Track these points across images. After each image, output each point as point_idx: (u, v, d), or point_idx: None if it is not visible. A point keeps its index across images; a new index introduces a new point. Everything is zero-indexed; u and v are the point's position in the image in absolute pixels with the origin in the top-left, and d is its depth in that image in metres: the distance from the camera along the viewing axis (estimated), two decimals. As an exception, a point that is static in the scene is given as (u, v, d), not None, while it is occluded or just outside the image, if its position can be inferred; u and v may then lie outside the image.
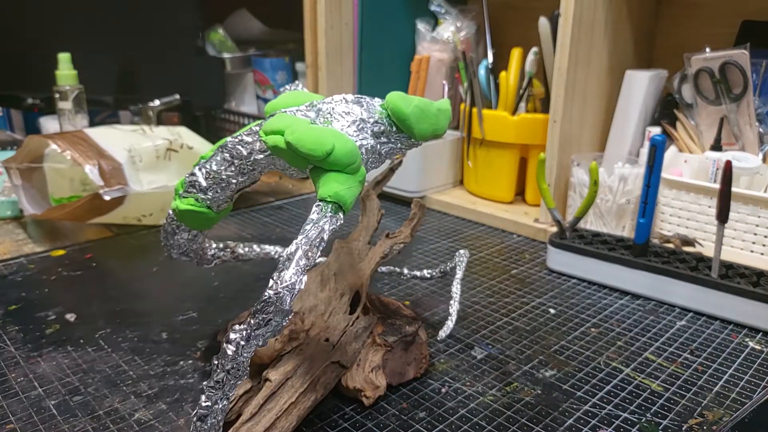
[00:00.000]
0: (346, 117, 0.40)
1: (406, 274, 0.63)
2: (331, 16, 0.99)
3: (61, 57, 0.95)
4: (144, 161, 0.78)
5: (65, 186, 0.77)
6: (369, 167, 0.41)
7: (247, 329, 0.34)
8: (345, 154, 0.37)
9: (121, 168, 0.74)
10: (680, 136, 0.81)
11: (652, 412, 0.46)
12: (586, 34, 0.77)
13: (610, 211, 0.78)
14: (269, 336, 0.35)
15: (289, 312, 0.34)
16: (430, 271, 0.61)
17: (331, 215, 0.36)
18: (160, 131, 0.85)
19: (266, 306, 0.34)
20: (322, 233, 0.36)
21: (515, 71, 0.89)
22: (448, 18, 1.05)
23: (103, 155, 0.75)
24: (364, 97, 0.42)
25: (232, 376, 0.35)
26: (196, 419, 0.36)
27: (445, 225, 0.88)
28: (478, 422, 0.44)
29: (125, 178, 0.74)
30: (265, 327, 0.34)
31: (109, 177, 0.73)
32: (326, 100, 0.42)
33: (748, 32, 0.81)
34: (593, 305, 0.63)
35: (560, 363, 0.52)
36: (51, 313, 0.59)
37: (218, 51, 1.32)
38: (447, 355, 0.53)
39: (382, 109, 0.41)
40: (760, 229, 0.69)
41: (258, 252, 0.59)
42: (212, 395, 0.35)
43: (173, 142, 0.82)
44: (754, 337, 0.57)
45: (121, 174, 0.74)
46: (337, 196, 0.37)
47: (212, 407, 0.35)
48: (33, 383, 0.48)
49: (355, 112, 0.40)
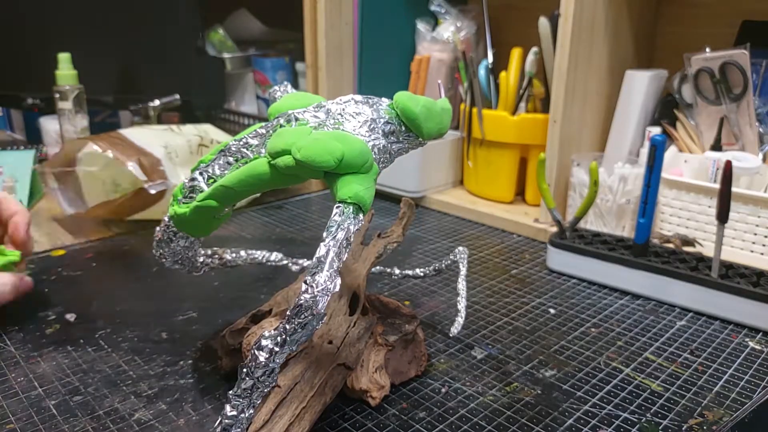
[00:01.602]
0: (357, 117, 0.40)
1: (398, 273, 0.63)
2: (332, 16, 0.99)
3: (61, 57, 0.95)
4: (180, 156, 0.83)
5: (98, 189, 0.79)
6: (381, 167, 0.41)
7: (282, 334, 0.34)
8: (356, 156, 0.37)
9: (160, 163, 0.79)
10: (680, 136, 0.81)
11: (652, 412, 0.46)
12: (586, 34, 0.77)
13: (610, 211, 0.78)
14: (304, 341, 0.34)
15: (323, 315, 0.34)
16: (423, 270, 0.61)
17: (353, 216, 0.36)
18: (188, 129, 0.91)
19: (302, 311, 0.33)
20: (348, 234, 0.35)
21: (515, 71, 0.89)
22: (448, 18, 1.05)
23: (142, 152, 0.79)
24: (372, 98, 0.42)
25: (262, 383, 0.34)
26: (221, 430, 0.35)
27: (445, 225, 0.88)
28: (478, 422, 0.44)
29: (165, 173, 0.78)
30: (302, 332, 0.34)
31: (151, 172, 0.77)
32: (336, 101, 0.41)
33: (748, 32, 0.81)
34: (593, 305, 0.63)
35: (560, 363, 0.52)
36: (51, 313, 0.59)
37: (218, 51, 1.32)
38: (447, 355, 0.53)
39: (391, 109, 0.41)
40: (760, 229, 0.69)
41: (245, 257, 0.59)
42: (238, 404, 0.34)
43: (203, 138, 0.88)
44: (754, 337, 0.57)
45: (160, 169, 0.78)
46: (357, 197, 0.37)
47: (238, 416, 0.34)
48: (33, 383, 0.48)
49: (366, 112, 0.40)
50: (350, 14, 1.02)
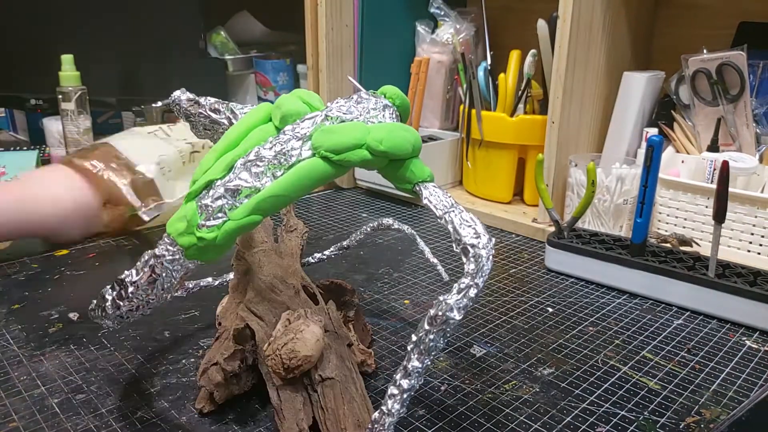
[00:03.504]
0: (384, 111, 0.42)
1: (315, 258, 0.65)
2: (332, 18, 0.99)
3: (64, 58, 0.95)
4: (173, 170, 0.82)
5: None
6: None
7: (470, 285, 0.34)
8: (419, 139, 0.41)
9: (153, 182, 0.78)
10: (677, 136, 0.82)
11: (649, 410, 0.46)
12: (584, 36, 0.77)
13: (608, 211, 0.78)
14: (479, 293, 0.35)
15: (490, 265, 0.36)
16: (347, 242, 0.64)
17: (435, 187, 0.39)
18: (179, 130, 0.87)
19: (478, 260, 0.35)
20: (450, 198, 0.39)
21: (514, 73, 0.90)
22: (447, 20, 1.06)
23: (134, 171, 0.78)
24: (362, 92, 0.43)
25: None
26: None
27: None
28: (477, 420, 0.45)
29: (158, 191, 0.78)
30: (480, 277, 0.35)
31: (144, 194, 0.77)
32: (350, 101, 0.42)
33: (745, 33, 0.82)
34: (591, 304, 0.64)
35: (558, 361, 0.53)
36: (54, 312, 0.60)
37: (220, 53, 1.32)
38: (446, 354, 0.54)
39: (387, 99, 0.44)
40: (756, 229, 0.69)
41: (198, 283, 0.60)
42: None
43: (195, 144, 0.85)
44: (750, 335, 0.57)
45: (154, 188, 0.78)
46: (431, 175, 0.40)
47: None
48: (36, 382, 0.48)
49: (378, 105, 0.43)
50: (351, 16, 1.02)
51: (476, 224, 0.36)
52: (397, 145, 0.39)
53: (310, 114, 0.41)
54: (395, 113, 0.43)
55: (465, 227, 0.36)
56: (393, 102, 0.43)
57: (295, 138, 0.39)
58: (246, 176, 0.38)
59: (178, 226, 0.38)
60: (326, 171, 0.39)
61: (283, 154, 0.39)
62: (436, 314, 0.34)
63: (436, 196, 0.38)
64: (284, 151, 0.39)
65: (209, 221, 0.38)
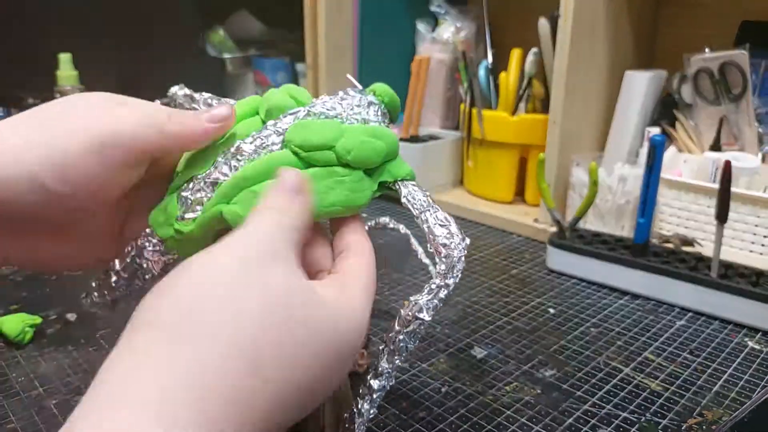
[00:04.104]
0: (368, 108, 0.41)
1: None
2: (332, 16, 0.99)
3: (62, 57, 0.95)
4: None
5: None
6: None
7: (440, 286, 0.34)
8: (395, 143, 0.39)
9: None
10: (679, 136, 0.81)
11: (651, 411, 0.46)
12: (586, 34, 0.77)
13: (610, 211, 0.78)
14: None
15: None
16: None
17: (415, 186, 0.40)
18: None
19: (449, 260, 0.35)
20: (428, 197, 0.39)
21: (515, 72, 0.90)
22: (448, 19, 1.05)
23: None
24: (348, 90, 0.42)
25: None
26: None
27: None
28: (478, 422, 0.44)
29: None
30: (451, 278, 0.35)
31: None
32: (335, 97, 0.41)
33: (747, 32, 0.81)
34: (593, 305, 0.63)
35: (560, 363, 0.52)
36: (52, 312, 0.59)
37: (218, 51, 1.32)
38: (447, 355, 0.53)
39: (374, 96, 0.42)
40: (759, 229, 0.69)
41: None
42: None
43: None
44: (753, 336, 0.57)
45: None
46: (411, 173, 0.40)
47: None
48: (34, 383, 0.48)
49: (362, 102, 0.41)
50: (350, 15, 1.02)
51: (450, 224, 0.36)
52: (364, 158, 0.38)
53: (294, 109, 0.41)
54: (380, 111, 0.42)
55: (439, 227, 0.36)
56: (382, 100, 0.42)
57: (275, 133, 0.39)
58: (225, 170, 0.38)
59: (158, 218, 0.38)
60: (297, 166, 0.38)
61: (263, 148, 0.38)
62: (406, 315, 0.34)
63: (414, 195, 0.38)
64: (264, 146, 0.38)
65: (188, 213, 0.37)
